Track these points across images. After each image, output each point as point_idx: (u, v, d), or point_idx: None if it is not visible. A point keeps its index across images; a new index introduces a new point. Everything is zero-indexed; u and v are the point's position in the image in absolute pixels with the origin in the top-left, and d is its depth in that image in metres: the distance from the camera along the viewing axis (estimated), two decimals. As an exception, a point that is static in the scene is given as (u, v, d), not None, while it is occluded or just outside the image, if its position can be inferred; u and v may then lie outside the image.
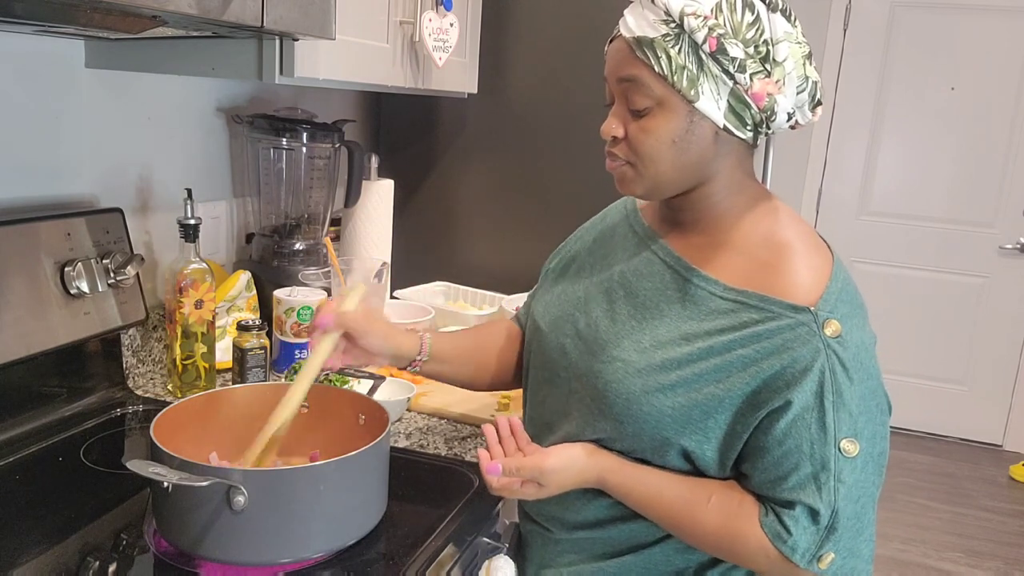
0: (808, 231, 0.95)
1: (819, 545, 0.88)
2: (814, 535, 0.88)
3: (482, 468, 0.96)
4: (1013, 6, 3.62)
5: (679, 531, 0.95)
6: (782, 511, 0.89)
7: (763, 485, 0.90)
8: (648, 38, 0.87)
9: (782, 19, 0.88)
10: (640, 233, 1.03)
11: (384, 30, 1.38)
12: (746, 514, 0.91)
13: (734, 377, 0.88)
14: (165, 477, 0.82)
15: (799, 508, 0.88)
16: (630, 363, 0.93)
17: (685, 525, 0.93)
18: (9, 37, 1.16)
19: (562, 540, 1.05)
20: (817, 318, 0.87)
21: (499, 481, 0.96)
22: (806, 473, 0.87)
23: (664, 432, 0.92)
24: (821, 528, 0.88)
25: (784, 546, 0.88)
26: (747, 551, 0.91)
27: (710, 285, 0.93)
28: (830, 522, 0.87)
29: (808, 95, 0.91)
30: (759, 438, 0.89)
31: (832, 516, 0.87)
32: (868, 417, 0.88)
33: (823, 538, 0.88)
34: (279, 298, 1.47)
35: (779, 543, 0.88)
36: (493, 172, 1.87)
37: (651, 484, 0.94)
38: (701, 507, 0.92)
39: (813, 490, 0.87)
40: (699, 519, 0.92)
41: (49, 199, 1.26)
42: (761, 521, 0.90)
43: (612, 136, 0.93)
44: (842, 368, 0.86)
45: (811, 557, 0.88)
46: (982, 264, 3.89)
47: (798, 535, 0.88)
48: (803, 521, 0.88)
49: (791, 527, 0.88)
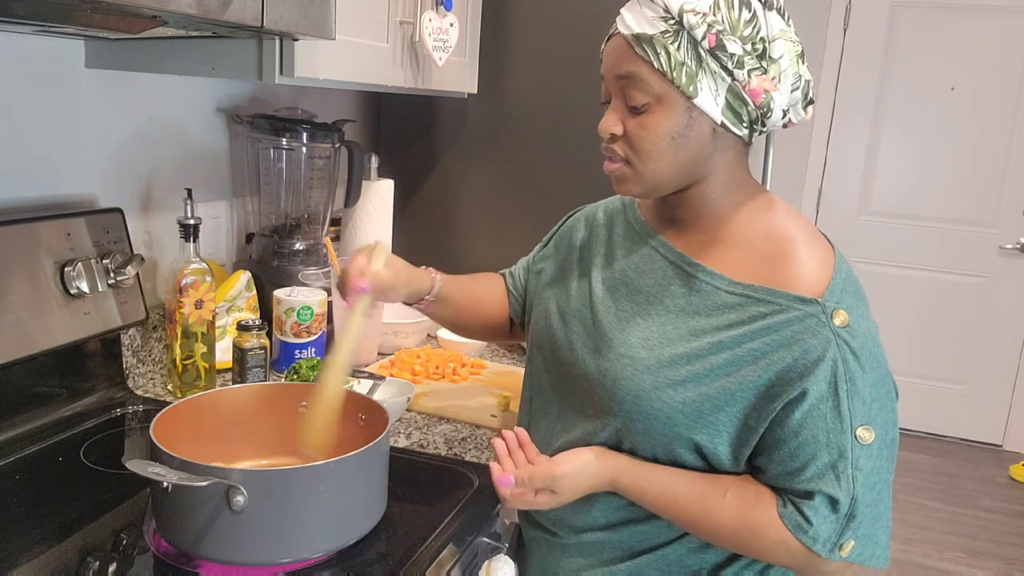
0: (807, 223, 0.96)
1: (840, 533, 0.88)
2: (834, 524, 0.88)
3: (494, 481, 0.98)
4: (1013, 6, 3.62)
5: (696, 528, 0.94)
6: (801, 502, 0.89)
7: (780, 477, 0.91)
8: (647, 35, 0.87)
9: (777, 17, 0.89)
10: (639, 229, 1.04)
11: (384, 30, 1.38)
12: (763, 507, 0.91)
13: (745, 370, 0.88)
14: (165, 477, 0.82)
15: (819, 498, 0.88)
16: (639, 360, 0.94)
17: (702, 522, 0.93)
18: (9, 37, 1.16)
19: (569, 545, 1.04)
20: (825, 309, 0.87)
21: (512, 492, 0.98)
22: (824, 463, 0.87)
23: (675, 428, 0.92)
24: (841, 516, 0.88)
25: (805, 536, 0.88)
26: (766, 544, 0.91)
27: (715, 280, 0.93)
28: (850, 510, 0.88)
29: (801, 93, 0.92)
30: (774, 431, 0.89)
31: (852, 504, 0.88)
32: (880, 404, 0.89)
33: (843, 526, 0.88)
34: (279, 298, 1.47)
35: (800, 534, 0.89)
36: (493, 172, 1.87)
37: (665, 482, 0.94)
38: (717, 503, 0.92)
39: (832, 479, 0.87)
40: (715, 515, 0.92)
41: (49, 199, 1.26)
42: (780, 513, 0.90)
43: (611, 133, 0.93)
44: (853, 357, 0.87)
45: (832, 546, 0.89)
46: (982, 264, 3.89)
47: (818, 525, 0.88)
48: (823, 511, 0.88)
49: (811, 517, 0.88)
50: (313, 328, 1.47)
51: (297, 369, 1.36)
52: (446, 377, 1.51)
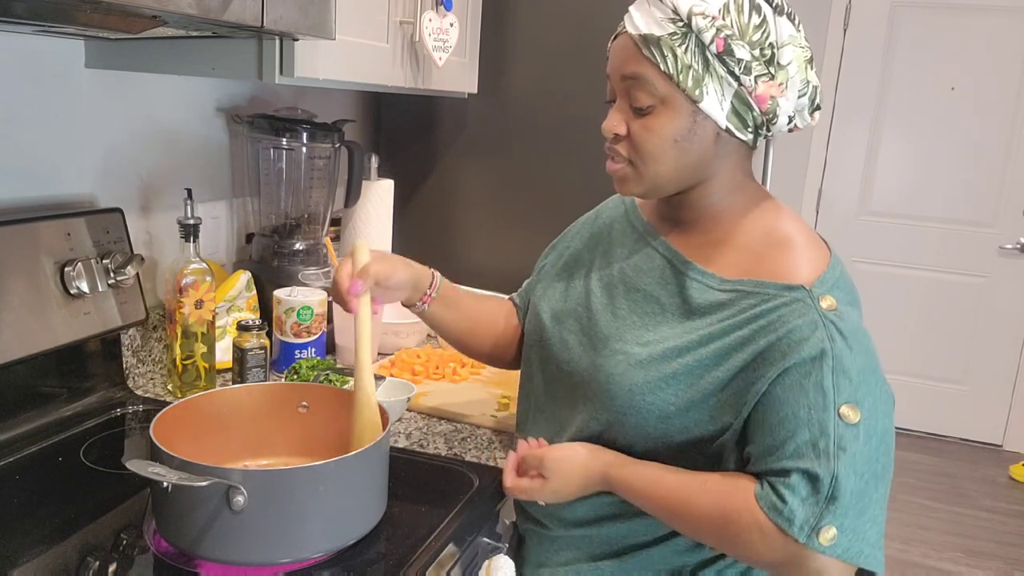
0: (807, 228, 0.96)
1: (819, 516, 0.82)
2: (813, 506, 0.83)
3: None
4: (1013, 6, 3.62)
5: (677, 519, 0.92)
6: (777, 480, 0.85)
7: (760, 458, 0.87)
8: (655, 36, 0.87)
9: (787, 23, 0.88)
10: (640, 229, 1.03)
11: (384, 30, 1.38)
12: (741, 491, 0.87)
13: (733, 357, 0.88)
14: (165, 477, 0.82)
15: (795, 476, 0.83)
16: (632, 355, 0.94)
17: (682, 512, 0.90)
18: (9, 37, 1.16)
19: (559, 538, 1.05)
20: (811, 294, 0.87)
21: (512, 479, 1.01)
22: (804, 439, 0.84)
23: (669, 421, 0.92)
24: (821, 498, 0.82)
25: (780, 517, 0.83)
26: (740, 530, 0.86)
27: (706, 279, 0.93)
28: (830, 490, 0.82)
29: (808, 99, 0.91)
30: (759, 410, 0.87)
31: (832, 483, 0.82)
32: (868, 389, 0.86)
33: (822, 509, 0.82)
34: (279, 298, 1.47)
35: (774, 514, 0.83)
36: (493, 172, 1.87)
37: (651, 475, 0.94)
38: (696, 491, 0.89)
39: (812, 457, 0.83)
40: (694, 503, 0.89)
41: (49, 199, 1.26)
42: (756, 495, 0.85)
43: (614, 133, 0.93)
44: (840, 336, 0.85)
45: (810, 530, 0.82)
46: (982, 264, 3.89)
47: (795, 504, 0.83)
48: (800, 489, 0.83)
49: (786, 496, 0.83)
50: (313, 328, 1.47)
51: (297, 369, 1.36)
52: (446, 377, 1.51)
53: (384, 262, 1.05)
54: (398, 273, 1.06)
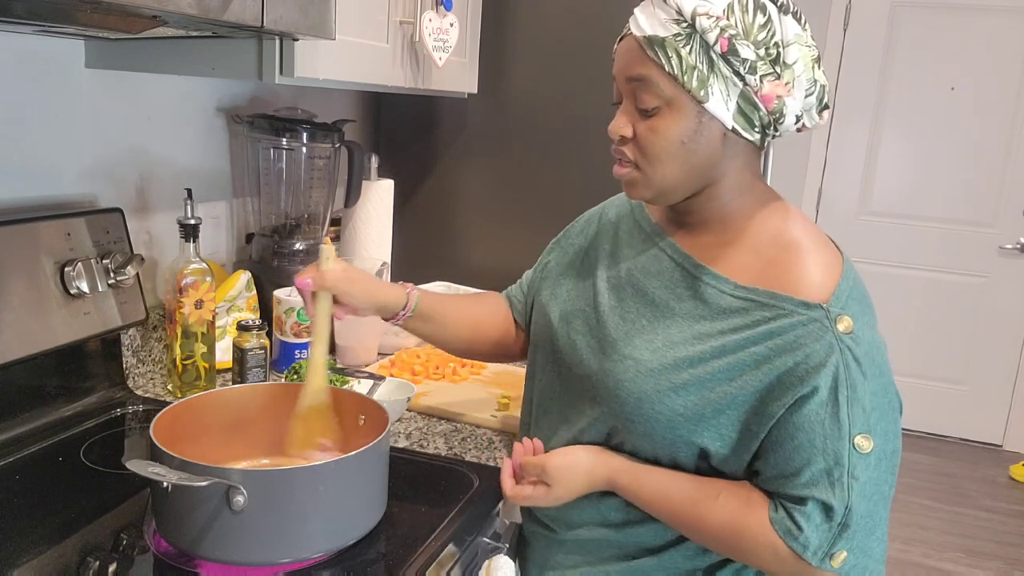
0: (816, 230, 0.95)
1: (832, 543, 0.87)
2: (826, 532, 0.87)
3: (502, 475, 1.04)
4: (1013, 6, 3.62)
5: (687, 529, 0.94)
6: (793, 507, 0.88)
7: (774, 481, 0.89)
8: (659, 37, 0.86)
9: (793, 22, 0.88)
10: (647, 229, 1.02)
11: (384, 30, 1.38)
12: (755, 510, 0.90)
13: (747, 375, 0.88)
14: (165, 477, 0.82)
15: (811, 504, 0.87)
16: (642, 362, 0.93)
17: (693, 523, 0.92)
18: (9, 37, 1.15)
19: (566, 541, 1.05)
20: (829, 314, 0.86)
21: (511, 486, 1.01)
22: (819, 468, 0.86)
23: (676, 431, 0.92)
24: (834, 525, 0.86)
25: (795, 543, 0.87)
26: (755, 548, 0.90)
27: (720, 283, 0.92)
28: (843, 519, 0.86)
29: (816, 98, 0.91)
30: (773, 434, 0.88)
31: (846, 513, 0.86)
32: (881, 414, 0.88)
33: (836, 535, 0.87)
34: (279, 298, 1.47)
35: (790, 540, 0.87)
36: (493, 172, 1.87)
37: (659, 484, 0.94)
38: (708, 504, 0.91)
39: (826, 485, 0.86)
40: (706, 516, 0.91)
41: (49, 199, 1.26)
42: (771, 517, 0.89)
43: (620, 136, 0.92)
44: (856, 363, 0.86)
45: (823, 555, 0.87)
46: (982, 264, 3.89)
47: (810, 532, 0.87)
48: (815, 517, 0.87)
49: (802, 523, 0.87)
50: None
51: (297, 369, 1.36)
52: (446, 377, 1.51)
53: (343, 280, 1.03)
54: (356, 296, 1.04)
